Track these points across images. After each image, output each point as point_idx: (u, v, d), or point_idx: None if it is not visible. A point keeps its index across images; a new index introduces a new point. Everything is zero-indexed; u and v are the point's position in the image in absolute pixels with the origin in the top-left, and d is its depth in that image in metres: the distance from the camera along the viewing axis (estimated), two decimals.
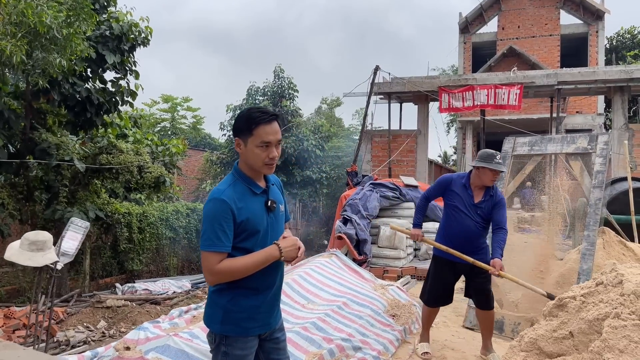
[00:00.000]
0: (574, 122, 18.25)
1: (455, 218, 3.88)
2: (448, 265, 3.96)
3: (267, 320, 2.11)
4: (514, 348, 2.73)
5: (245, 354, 2.04)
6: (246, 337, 2.05)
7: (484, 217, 3.85)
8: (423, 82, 11.95)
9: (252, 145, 2.00)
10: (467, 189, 3.88)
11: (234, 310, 2.02)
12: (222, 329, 2.03)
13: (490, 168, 3.72)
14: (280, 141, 2.05)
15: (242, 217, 1.96)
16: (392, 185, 8.75)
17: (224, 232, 1.93)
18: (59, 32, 6.16)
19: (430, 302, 4.10)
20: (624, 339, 2.11)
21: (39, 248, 3.87)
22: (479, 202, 3.84)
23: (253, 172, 2.07)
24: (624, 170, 8.40)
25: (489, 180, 3.79)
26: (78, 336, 6.80)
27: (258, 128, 1.99)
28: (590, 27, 19.30)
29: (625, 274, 2.39)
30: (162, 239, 12.73)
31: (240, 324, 2.02)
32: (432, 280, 4.08)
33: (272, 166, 2.06)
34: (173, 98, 22.69)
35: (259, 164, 2.02)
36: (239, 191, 2.01)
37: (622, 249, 5.42)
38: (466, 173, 3.99)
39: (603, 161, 4.79)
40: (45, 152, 8.87)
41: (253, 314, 2.05)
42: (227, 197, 1.96)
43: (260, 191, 2.08)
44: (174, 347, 2.85)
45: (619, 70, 10.90)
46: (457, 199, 3.89)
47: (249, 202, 2.01)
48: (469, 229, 3.83)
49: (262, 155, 2.00)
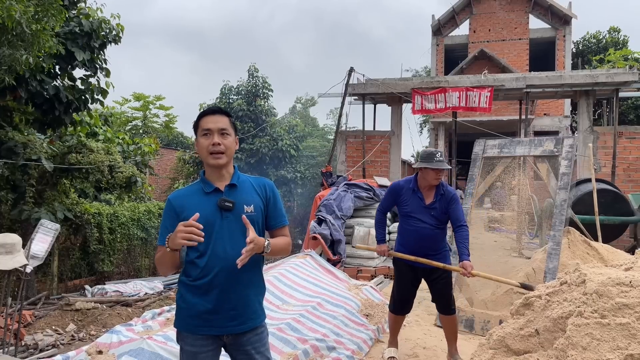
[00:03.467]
0: (542, 124, 18.76)
1: (410, 224, 3.87)
2: (407, 269, 3.93)
3: (221, 323, 2.08)
4: (483, 346, 2.81)
5: (195, 351, 2.08)
6: (194, 335, 2.08)
7: (439, 217, 3.82)
8: (397, 83, 12.09)
9: (198, 137, 2.15)
10: (416, 192, 3.86)
11: (181, 306, 2.12)
12: (175, 323, 2.15)
13: (431, 168, 3.71)
14: (224, 130, 2.12)
15: (183, 214, 2.06)
16: (366, 185, 8.84)
17: (166, 228, 2.10)
18: (28, 28, 6.00)
19: (395, 309, 4.06)
20: (586, 337, 2.20)
21: (7, 251, 3.76)
22: (430, 204, 3.81)
23: (211, 172, 2.16)
24: (589, 171, 8.68)
25: (433, 179, 3.76)
26: (47, 340, 6.63)
27: (201, 120, 2.15)
28: (558, 31, 19.86)
29: (588, 274, 2.49)
30: (133, 239, 12.52)
31: (187, 320, 2.10)
32: (396, 286, 4.06)
33: (217, 155, 2.10)
34: (145, 96, 22.29)
35: (204, 154, 2.12)
36: (191, 191, 2.17)
37: (587, 249, 5.61)
38: (412, 177, 3.96)
39: (568, 164, 4.96)
40: (11, 151, 8.61)
41: (200, 313, 2.06)
42: (172, 196, 2.17)
43: (211, 190, 2.12)
44: (147, 350, 2.83)
45: (585, 75, 11.26)
46: (408, 205, 3.87)
47: (195, 201, 2.10)
48: (425, 233, 3.80)
49: (205, 144, 2.11)
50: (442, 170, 3.75)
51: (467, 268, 3.55)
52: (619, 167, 10.64)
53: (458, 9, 20.70)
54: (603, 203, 7.96)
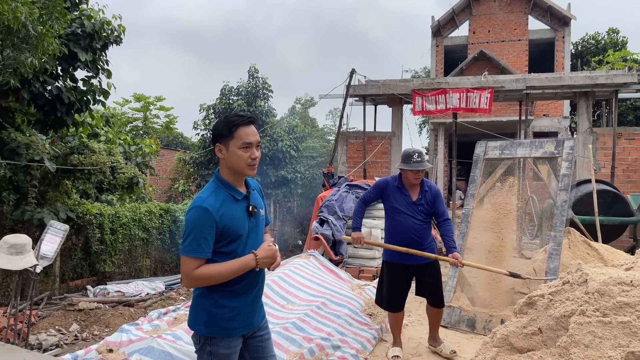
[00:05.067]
0: (541, 124, 18.84)
1: (397, 219, 3.98)
2: (400, 268, 4.01)
3: (250, 321, 2.19)
4: (487, 344, 2.86)
5: (229, 352, 2.12)
6: (230, 337, 2.12)
7: (426, 213, 3.97)
8: (397, 85, 12.14)
9: (235, 148, 2.09)
10: (402, 189, 3.99)
11: (217, 312, 2.08)
12: (206, 331, 2.09)
13: (409, 169, 3.86)
14: (259, 143, 2.17)
15: (223, 223, 2.03)
16: (368, 186, 8.89)
17: (205, 239, 1.99)
18: (34, 29, 6.04)
19: (391, 307, 4.13)
20: (588, 335, 2.25)
21: (18, 251, 3.80)
22: (417, 200, 3.96)
23: (234, 178, 2.14)
24: (589, 172, 8.74)
25: (413, 179, 3.91)
26: (50, 339, 6.68)
27: (238, 130, 2.09)
28: (557, 32, 19.94)
29: (590, 273, 2.54)
30: (134, 240, 12.54)
31: (224, 325, 2.09)
32: (387, 286, 4.10)
33: (255, 167, 2.15)
34: (145, 97, 22.33)
35: (242, 165, 2.11)
36: (220, 198, 2.08)
37: (587, 249, 5.66)
38: (397, 175, 4.09)
39: (569, 165, 5.02)
40: (14, 152, 8.64)
41: (235, 315, 2.11)
42: (209, 205, 2.03)
43: (242, 197, 2.15)
44: (157, 348, 2.88)
45: (584, 76, 11.32)
46: (395, 201, 3.99)
47: (230, 209, 2.08)
48: (413, 228, 3.92)
49: (245, 156, 2.10)
50: (420, 171, 3.88)
51: (458, 258, 3.76)
52: (618, 168, 10.70)
53: (457, 10, 20.77)
54: (603, 204, 8.01)
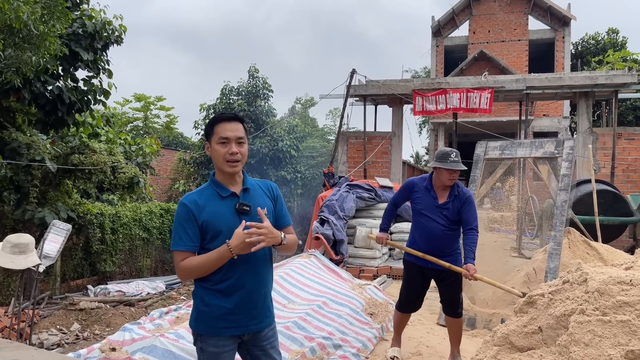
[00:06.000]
0: (541, 124, 18.86)
1: (420, 222, 3.83)
2: (416, 270, 3.90)
3: (244, 322, 2.15)
4: (488, 343, 2.88)
5: (218, 351, 2.13)
6: (218, 336, 2.13)
7: (451, 218, 3.74)
8: (398, 85, 12.16)
9: (214, 144, 2.15)
10: (430, 191, 3.82)
11: (204, 310, 2.13)
12: (196, 327, 2.17)
13: (445, 168, 3.66)
14: (241, 139, 2.16)
15: (202, 219, 2.09)
16: (368, 186, 8.91)
17: (186, 232, 2.09)
18: (36, 29, 6.05)
19: (401, 307, 4.06)
20: (588, 333, 2.27)
21: (21, 251, 3.82)
22: (443, 203, 3.75)
23: (222, 176, 2.19)
24: (589, 172, 8.76)
25: (447, 179, 3.71)
26: (51, 339, 6.70)
27: (217, 126, 2.15)
28: (557, 32, 19.96)
29: (590, 272, 2.56)
30: (135, 239, 12.56)
31: (211, 324, 2.12)
32: (404, 285, 4.05)
33: (234, 163, 2.14)
34: (146, 97, 22.36)
35: (220, 161, 2.14)
36: (205, 195, 2.16)
37: (587, 249, 5.67)
38: (428, 175, 3.93)
39: (569, 165, 5.04)
40: (15, 152, 8.66)
41: (224, 315, 2.11)
42: (188, 201, 2.13)
43: (228, 194, 2.16)
44: (160, 347, 2.90)
45: (584, 77, 11.34)
46: (421, 202, 3.83)
47: (212, 205, 2.12)
48: (434, 232, 3.74)
49: (222, 152, 2.13)
50: (456, 171, 3.69)
51: (470, 270, 3.50)
52: (618, 168, 10.72)
53: (458, 10, 20.79)
54: (602, 204, 8.04)
